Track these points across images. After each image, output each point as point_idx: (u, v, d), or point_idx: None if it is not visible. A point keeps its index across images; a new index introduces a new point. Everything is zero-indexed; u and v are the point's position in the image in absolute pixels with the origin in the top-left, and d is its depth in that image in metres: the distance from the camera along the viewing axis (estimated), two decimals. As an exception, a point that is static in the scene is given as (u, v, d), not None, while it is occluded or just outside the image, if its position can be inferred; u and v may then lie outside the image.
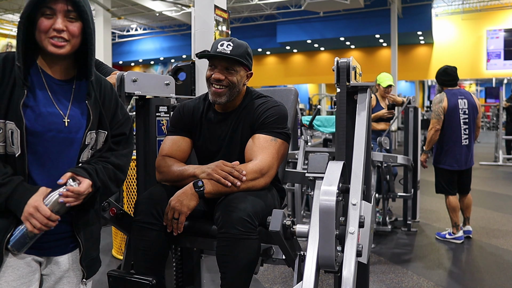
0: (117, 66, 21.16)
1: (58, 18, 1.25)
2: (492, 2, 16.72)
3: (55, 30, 1.24)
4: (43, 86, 1.29)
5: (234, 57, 1.72)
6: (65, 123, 1.30)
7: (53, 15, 1.25)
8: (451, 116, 4.05)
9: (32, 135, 1.25)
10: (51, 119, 1.28)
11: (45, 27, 1.24)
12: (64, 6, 1.25)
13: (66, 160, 1.32)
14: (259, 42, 18.92)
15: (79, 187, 1.25)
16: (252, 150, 1.73)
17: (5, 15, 16.90)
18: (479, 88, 23.52)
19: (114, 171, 1.38)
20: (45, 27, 1.24)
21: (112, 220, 1.80)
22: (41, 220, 1.21)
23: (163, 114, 2.09)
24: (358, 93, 1.66)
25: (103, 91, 1.42)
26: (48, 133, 1.27)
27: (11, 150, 1.24)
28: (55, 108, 1.29)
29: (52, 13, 1.25)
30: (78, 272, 1.40)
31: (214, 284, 2.94)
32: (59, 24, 1.24)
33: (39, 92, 1.28)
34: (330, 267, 1.30)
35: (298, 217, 4.14)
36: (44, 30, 1.24)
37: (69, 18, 1.26)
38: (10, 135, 1.22)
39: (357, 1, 11.84)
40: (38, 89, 1.28)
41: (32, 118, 1.25)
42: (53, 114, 1.29)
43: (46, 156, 1.29)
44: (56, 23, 1.24)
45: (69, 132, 1.31)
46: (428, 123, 4.89)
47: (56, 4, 1.24)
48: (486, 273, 3.36)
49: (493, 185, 7.24)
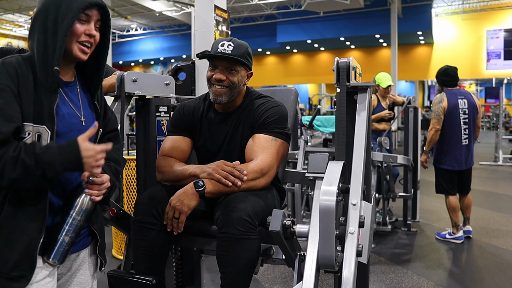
0: (117, 66, 21.16)
1: (91, 25, 1.32)
2: (492, 2, 16.72)
3: (88, 35, 1.31)
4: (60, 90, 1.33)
5: (235, 57, 1.72)
6: (82, 123, 1.36)
7: (87, 22, 1.31)
8: (451, 116, 4.05)
9: (58, 136, 1.29)
10: (71, 120, 1.34)
11: (79, 31, 1.29)
12: (98, 15, 1.33)
13: None
14: (259, 42, 18.92)
15: (99, 178, 1.31)
16: (252, 150, 1.73)
17: (5, 15, 16.91)
18: (479, 88, 23.54)
19: (115, 167, 1.44)
20: (79, 30, 1.29)
21: (112, 220, 1.80)
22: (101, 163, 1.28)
23: (163, 114, 2.09)
24: (358, 93, 1.66)
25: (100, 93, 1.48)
26: (70, 133, 1.31)
27: None
28: (72, 109, 1.35)
29: (87, 20, 1.31)
30: (91, 265, 1.47)
31: (214, 284, 2.94)
32: (93, 31, 1.32)
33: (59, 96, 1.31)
34: (330, 267, 1.30)
35: (298, 217, 4.14)
36: (78, 34, 1.29)
37: (96, 27, 1.34)
38: (36, 139, 1.24)
39: (357, 1, 11.85)
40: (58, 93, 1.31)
41: (58, 120, 1.29)
42: (72, 115, 1.34)
43: None
44: (90, 28, 1.31)
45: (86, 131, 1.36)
46: (428, 123, 4.89)
47: (92, 11, 1.31)
48: (486, 273, 3.36)
49: (493, 185, 7.24)
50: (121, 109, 1.98)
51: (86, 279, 1.45)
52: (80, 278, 1.44)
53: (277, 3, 15.97)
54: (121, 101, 1.96)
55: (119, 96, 1.98)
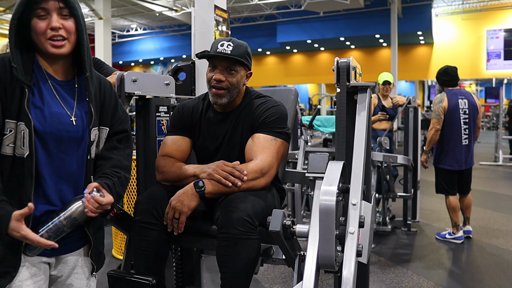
0: (117, 66, 21.15)
1: (53, 17, 1.25)
2: (492, 2, 16.71)
3: (53, 29, 1.24)
4: (48, 87, 1.30)
5: (235, 57, 1.72)
6: (73, 122, 1.32)
7: (46, 15, 1.25)
8: (452, 116, 4.05)
9: (43, 135, 1.26)
10: (59, 119, 1.30)
11: (41, 29, 1.24)
12: (56, 4, 1.25)
13: (75, 159, 1.35)
14: (259, 42, 18.91)
15: (102, 198, 1.29)
16: (252, 150, 1.73)
17: (5, 15, 16.90)
18: (479, 88, 23.53)
19: (125, 176, 1.42)
20: (41, 28, 1.24)
21: (112, 220, 1.80)
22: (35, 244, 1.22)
23: (163, 114, 2.09)
24: (358, 93, 1.66)
25: (103, 89, 1.44)
26: (57, 133, 1.29)
27: (21, 152, 1.24)
28: (62, 108, 1.31)
29: (46, 13, 1.25)
30: (85, 268, 1.44)
31: (214, 284, 2.94)
32: (55, 22, 1.24)
33: (46, 93, 1.29)
34: (330, 267, 1.30)
35: (298, 217, 4.14)
36: (42, 32, 1.24)
37: (63, 15, 1.26)
38: (22, 136, 1.22)
39: (357, 1, 11.84)
40: (44, 90, 1.29)
41: (42, 118, 1.26)
42: (61, 114, 1.31)
43: (57, 156, 1.30)
44: (52, 21, 1.24)
45: (77, 131, 1.33)
46: (428, 123, 4.89)
47: (48, 3, 1.24)
48: (486, 273, 3.36)
49: (493, 185, 7.24)
50: (121, 109, 1.98)
51: (81, 283, 1.43)
52: (75, 282, 1.41)
53: (277, 3, 15.97)
54: (121, 101, 1.96)
55: (119, 96, 1.97)
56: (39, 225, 1.27)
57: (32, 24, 1.25)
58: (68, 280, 1.40)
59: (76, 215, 1.28)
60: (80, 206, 1.28)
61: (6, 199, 1.21)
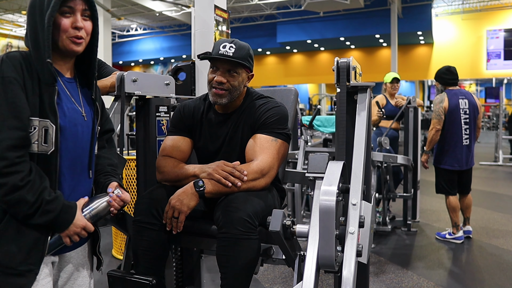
0: (117, 66, 21.15)
1: (77, 17, 1.30)
2: (492, 2, 16.72)
3: (76, 28, 1.29)
4: (60, 84, 1.33)
5: (237, 60, 1.71)
6: (84, 118, 1.37)
7: (71, 14, 1.29)
8: (452, 116, 4.05)
9: (63, 131, 1.29)
10: (74, 115, 1.34)
11: (65, 26, 1.28)
12: (82, 5, 1.31)
13: (87, 154, 1.39)
14: (259, 42, 18.92)
15: (125, 196, 1.39)
16: (252, 150, 1.73)
17: (5, 15, 16.91)
18: (479, 88, 23.54)
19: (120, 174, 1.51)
20: (65, 25, 1.28)
21: (112, 220, 1.80)
22: (83, 235, 1.31)
23: (163, 114, 2.09)
24: (358, 93, 1.66)
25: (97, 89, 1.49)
26: (73, 128, 1.33)
27: (42, 149, 1.25)
28: (74, 105, 1.36)
29: (71, 11, 1.29)
30: (87, 265, 1.47)
31: (214, 284, 2.94)
32: (79, 22, 1.30)
33: (60, 91, 1.32)
34: (330, 267, 1.30)
35: (298, 217, 4.14)
36: (65, 29, 1.28)
37: (84, 16, 1.32)
38: (43, 133, 1.25)
39: (357, 1, 11.85)
40: (59, 88, 1.32)
41: (62, 114, 1.29)
42: (74, 110, 1.35)
43: (74, 151, 1.34)
44: (76, 21, 1.29)
45: (87, 127, 1.39)
46: (428, 123, 4.88)
47: (76, 3, 1.29)
48: (486, 273, 3.36)
49: (493, 185, 7.24)
50: (121, 109, 1.98)
51: (84, 282, 1.45)
52: (78, 281, 1.43)
53: (277, 3, 15.97)
54: (121, 101, 1.96)
55: (119, 96, 1.97)
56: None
57: (56, 20, 1.27)
58: (72, 278, 1.41)
59: (102, 212, 1.34)
60: (105, 203, 1.35)
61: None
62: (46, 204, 1.20)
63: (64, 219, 1.25)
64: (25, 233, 1.22)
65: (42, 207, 1.20)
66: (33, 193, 1.18)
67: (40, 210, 1.20)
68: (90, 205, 1.34)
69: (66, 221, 1.26)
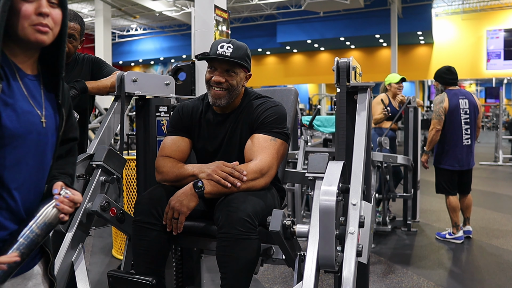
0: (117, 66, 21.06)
1: (42, 1, 1.09)
2: (492, 2, 16.72)
3: (41, 15, 1.08)
4: (17, 82, 1.12)
5: (235, 60, 1.72)
6: (43, 124, 1.15)
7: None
8: (452, 116, 4.05)
9: (14, 137, 1.08)
10: (30, 119, 1.12)
11: (27, 12, 1.07)
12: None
13: (43, 165, 1.18)
14: (259, 42, 18.92)
15: (75, 196, 1.16)
16: (251, 150, 1.73)
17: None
18: (479, 88, 23.53)
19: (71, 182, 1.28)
20: (26, 11, 1.07)
21: (112, 220, 1.80)
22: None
23: (163, 114, 2.09)
24: (358, 93, 1.66)
25: (64, 91, 1.26)
26: (28, 135, 1.11)
27: None
28: (32, 107, 1.13)
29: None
30: (45, 284, 1.25)
31: (214, 284, 2.94)
32: (45, 8, 1.09)
33: (15, 89, 1.11)
34: (330, 267, 1.30)
35: (298, 217, 4.14)
36: (27, 16, 1.07)
37: (51, 3, 1.12)
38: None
39: (357, 1, 11.86)
40: (14, 85, 1.11)
41: (14, 117, 1.07)
42: (31, 114, 1.12)
43: (25, 162, 1.12)
44: (41, 6, 1.08)
45: (46, 134, 1.17)
46: (428, 123, 4.87)
47: None
48: (486, 273, 3.36)
49: (493, 185, 7.24)
50: (121, 109, 1.98)
51: None
52: None
53: (277, 3, 15.98)
54: (121, 101, 1.96)
55: (119, 96, 1.98)
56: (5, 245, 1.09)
57: (15, 5, 1.07)
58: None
59: (51, 219, 1.13)
60: (52, 209, 1.13)
61: None
62: None
63: None
64: None
65: None
66: None
67: None
68: (35, 217, 1.11)
69: None
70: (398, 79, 4.68)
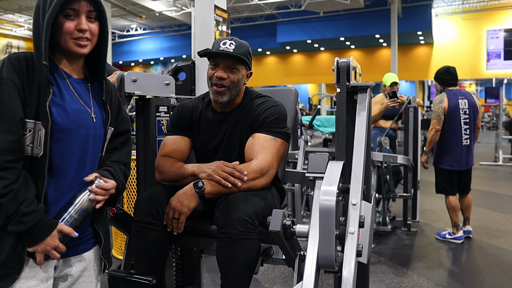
0: (117, 66, 21.09)
1: (82, 19, 1.28)
2: (492, 2, 16.72)
3: (80, 31, 1.28)
4: (67, 85, 1.32)
5: (238, 55, 1.72)
6: (93, 119, 1.35)
7: (75, 16, 1.28)
8: (452, 116, 4.05)
9: (64, 132, 1.27)
10: (80, 116, 1.32)
11: (69, 28, 1.27)
12: (86, 7, 1.29)
13: (92, 156, 1.37)
14: (259, 42, 18.91)
15: (107, 184, 1.33)
16: (252, 150, 1.73)
17: (5, 15, 16.91)
18: (479, 88, 23.54)
19: (124, 170, 1.45)
20: (69, 28, 1.27)
21: (112, 220, 1.80)
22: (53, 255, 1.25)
23: (163, 114, 2.09)
24: (358, 93, 1.66)
25: (109, 90, 1.46)
26: (78, 130, 1.31)
27: (36, 152, 1.24)
28: (81, 106, 1.34)
29: (75, 14, 1.28)
30: (96, 268, 1.44)
31: (214, 284, 2.94)
32: (84, 25, 1.28)
33: (64, 91, 1.31)
34: (330, 267, 1.30)
35: (298, 217, 4.14)
36: (69, 32, 1.27)
37: (89, 18, 1.31)
38: (38, 136, 1.23)
39: (357, 1, 11.85)
40: (63, 88, 1.31)
41: (64, 115, 1.27)
42: (81, 111, 1.33)
43: (76, 154, 1.32)
44: (81, 24, 1.28)
45: (95, 129, 1.36)
46: (428, 123, 4.87)
47: (80, 5, 1.27)
48: (486, 273, 3.36)
49: (493, 185, 7.24)
50: (121, 109, 1.98)
51: (90, 286, 1.42)
52: (83, 285, 1.40)
53: (277, 3, 15.97)
54: (121, 101, 1.96)
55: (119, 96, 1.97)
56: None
57: (58, 22, 1.26)
58: (77, 283, 1.39)
59: (86, 206, 1.30)
60: (86, 196, 1.30)
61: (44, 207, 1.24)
62: (21, 216, 1.17)
63: (35, 235, 1.20)
64: (3, 238, 1.21)
65: (17, 217, 1.17)
66: (13, 203, 1.16)
67: (14, 220, 1.17)
68: (73, 204, 1.29)
69: (37, 237, 1.21)
70: (389, 83, 4.65)
